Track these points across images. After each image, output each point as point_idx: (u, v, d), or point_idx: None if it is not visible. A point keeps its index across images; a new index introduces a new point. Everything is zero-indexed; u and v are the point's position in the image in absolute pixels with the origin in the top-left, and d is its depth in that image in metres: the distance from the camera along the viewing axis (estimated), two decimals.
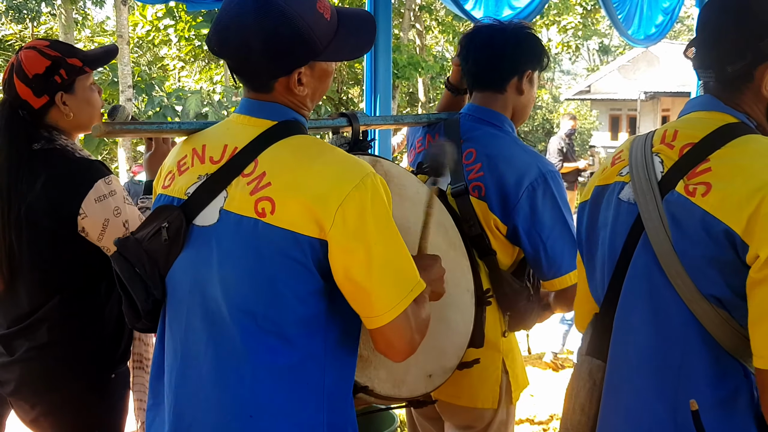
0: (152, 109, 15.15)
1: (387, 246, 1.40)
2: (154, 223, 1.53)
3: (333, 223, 1.36)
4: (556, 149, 10.02)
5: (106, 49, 2.31)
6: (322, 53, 1.48)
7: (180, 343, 1.52)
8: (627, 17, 6.27)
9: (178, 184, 1.55)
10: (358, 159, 1.46)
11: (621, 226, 1.52)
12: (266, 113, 1.51)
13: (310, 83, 1.51)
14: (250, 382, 1.43)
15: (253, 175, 1.44)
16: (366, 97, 4.17)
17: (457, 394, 2.13)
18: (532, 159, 2.12)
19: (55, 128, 2.14)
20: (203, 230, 1.48)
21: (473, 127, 2.20)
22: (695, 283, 1.35)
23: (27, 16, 16.80)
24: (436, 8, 19.49)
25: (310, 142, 1.50)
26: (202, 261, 1.47)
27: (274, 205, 1.39)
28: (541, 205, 2.05)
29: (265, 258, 1.40)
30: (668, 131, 1.51)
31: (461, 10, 4.67)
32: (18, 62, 2.09)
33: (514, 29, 2.21)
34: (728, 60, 1.45)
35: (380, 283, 1.39)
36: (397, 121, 2.53)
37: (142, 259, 1.51)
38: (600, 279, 1.60)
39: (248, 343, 1.43)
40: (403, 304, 1.40)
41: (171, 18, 17.41)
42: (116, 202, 2.08)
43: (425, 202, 1.78)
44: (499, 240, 2.11)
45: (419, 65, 16.82)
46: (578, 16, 21.98)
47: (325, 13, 1.48)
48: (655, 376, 1.44)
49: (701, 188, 1.36)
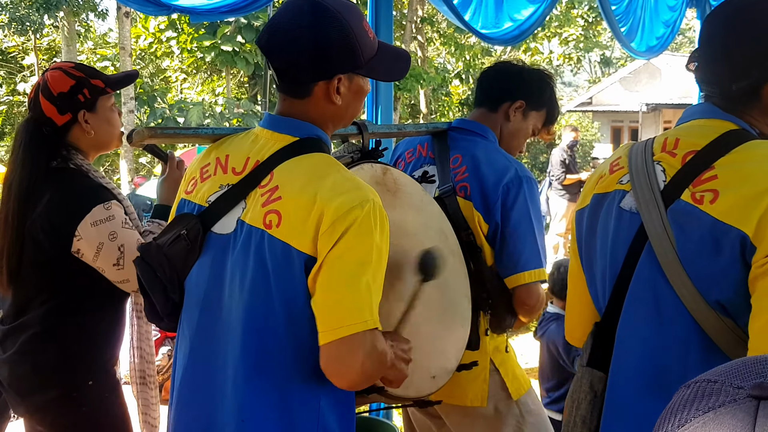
0: (154, 120, 15.19)
1: (358, 267, 1.40)
2: (174, 229, 1.60)
3: (321, 237, 1.40)
4: (559, 161, 10.00)
5: (127, 74, 2.46)
6: (363, 67, 1.55)
7: (189, 344, 1.59)
8: (630, 30, 6.28)
9: (200, 191, 1.62)
10: (362, 184, 1.48)
11: (623, 236, 1.51)
12: (289, 129, 1.57)
13: (346, 96, 1.56)
14: (244, 387, 1.48)
15: (267, 188, 1.50)
16: (368, 108, 4.18)
17: (448, 394, 2.17)
18: (511, 164, 2.24)
19: (75, 147, 2.24)
20: (221, 238, 1.55)
21: (460, 137, 2.36)
22: (700, 292, 1.34)
23: (30, 28, 16.85)
24: (437, 20, 19.53)
25: (324, 160, 1.53)
26: (217, 267, 1.54)
27: (280, 218, 1.44)
28: (511, 203, 2.16)
29: (267, 269, 1.45)
30: (669, 139, 1.50)
31: (461, 21, 4.67)
32: (44, 82, 2.20)
33: (528, 67, 2.45)
34: (733, 78, 1.43)
35: (340, 299, 1.40)
36: (400, 130, 2.56)
37: (162, 263, 1.59)
38: (601, 289, 1.59)
39: (247, 350, 1.48)
40: (356, 327, 1.38)
41: (173, 30, 17.50)
42: (113, 227, 2.14)
43: (411, 294, 1.80)
44: (482, 239, 2.20)
45: (421, 77, 16.86)
46: (580, 28, 22.06)
47: (369, 32, 1.56)
48: (657, 389, 1.42)
49: (708, 195, 1.35)
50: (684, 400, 0.66)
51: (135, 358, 2.43)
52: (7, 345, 2.21)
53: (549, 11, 5.27)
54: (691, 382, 0.68)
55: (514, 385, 2.26)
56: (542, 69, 2.51)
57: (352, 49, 1.50)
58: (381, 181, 1.89)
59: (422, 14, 19.02)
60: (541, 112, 2.41)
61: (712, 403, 0.63)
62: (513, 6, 5.04)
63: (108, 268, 2.14)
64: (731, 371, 0.66)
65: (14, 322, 2.21)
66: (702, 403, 0.64)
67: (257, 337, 1.48)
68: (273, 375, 1.47)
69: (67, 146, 2.23)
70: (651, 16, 6.53)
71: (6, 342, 2.22)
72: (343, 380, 1.45)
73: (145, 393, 2.45)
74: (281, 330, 1.46)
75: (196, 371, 1.58)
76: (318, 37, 1.48)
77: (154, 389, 2.46)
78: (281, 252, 1.43)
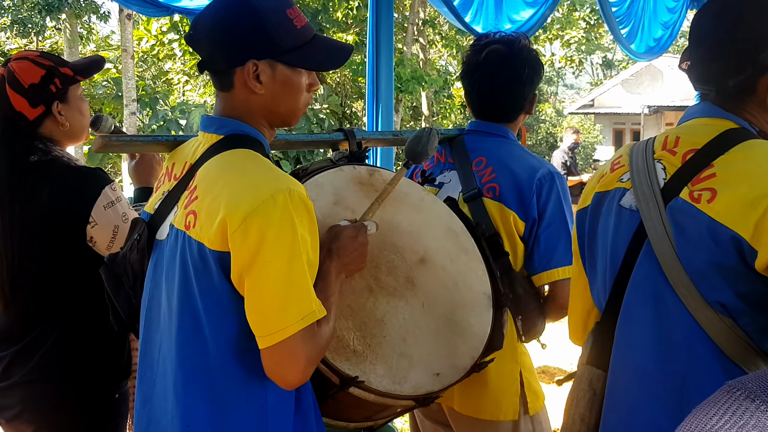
0: (156, 122, 15.18)
1: (281, 267, 1.36)
2: (131, 236, 1.65)
3: (233, 235, 1.36)
4: (560, 163, 10.02)
5: (92, 59, 2.27)
6: (284, 54, 1.50)
7: (141, 348, 1.60)
8: (630, 32, 6.29)
9: (151, 200, 1.66)
10: (279, 175, 1.44)
11: (623, 234, 1.51)
12: (215, 127, 1.56)
13: (269, 85, 1.52)
14: (184, 392, 1.46)
15: (190, 189, 1.50)
16: (368, 110, 4.18)
17: (477, 409, 2.15)
18: (540, 160, 2.24)
19: (49, 139, 2.10)
20: (159, 244, 1.58)
21: (478, 140, 2.31)
22: (700, 291, 1.34)
23: (32, 30, 16.88)
24: (439, 23, 19.52)
25: (242, 156, 1.50)
26: (157, 272, 1.56)
27: (196, 218, 1.44)
28: (545, 199, 2.14)
29: (188, 270, 1.44)
30: (669, 138, 1.50)
31: (461, 22, 4.68)
32: (10, 73, 2.04)
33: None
34: (728, 74, 1.43)
35: (270, 302, 1.37)
36: (396, 137, 2.48)
37: (127, 270, 1.62)
38: (602, 287, 1.59)
39: (180, 355, 1.47)
40: (293, 328, 1.35)
41: (175, 32, 17.47)
42: (123, 208, 2.06)
43: (390, 181, 1.84)
44: (513, 240, 2.16)
45: (423, 79, 16.84)
46: (581, 31, 22.03)
47: (296, 21, 1.52)
48: (657, 387, 1.42)
49: (706, 194, 1.35)
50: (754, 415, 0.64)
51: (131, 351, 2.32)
52: (15, 370, 2.04)
53: (549, 14, 5.28)
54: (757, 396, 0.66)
55: (533, 399, 2.19)
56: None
57: (265, 33, 1.48)
58: (366, 182, 1.88)
59: (424, 16, 19.01)
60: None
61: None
62: (512, 8, 5.06)
63: None
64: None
65: (23, 341, 2.03)
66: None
67: (187, 342, 1.46)
68: (208, 378, 1.45)
69: (42, 138, 2.08)
70: (650, 17, 6.55)
71: (11, 366, 2.04)
72: (287, 383, 1.42)
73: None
74: (207, 332, 1.43)
75: (145, 378, 1.58)
76: (229, 23, 1.49)
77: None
78: (198, 252, 1.42)
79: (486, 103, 2.30)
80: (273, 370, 1.40)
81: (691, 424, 0.65)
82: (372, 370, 1.67)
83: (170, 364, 1.49)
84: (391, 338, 1.74)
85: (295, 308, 1.36)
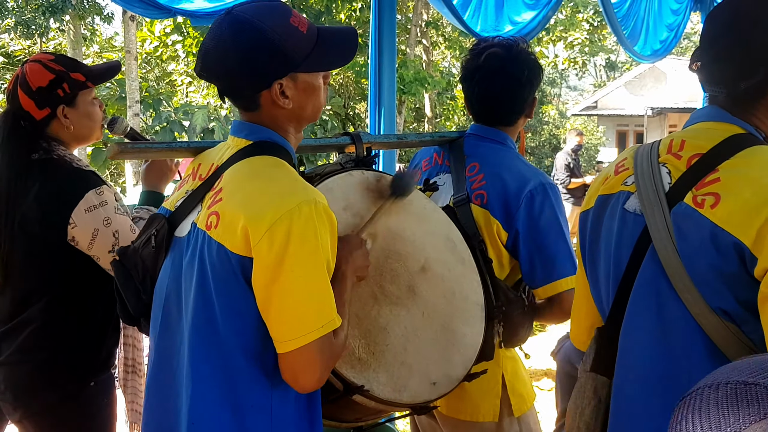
0: (159, 124, 15.20)
1: (305, 275, 1.39)
2: (147, 231, 1.65)
3: (259, 243, 1.38)
4: (563, 165, 10.01)
5: (109, 65, 2.37)
6: (301, 65, 1.52)
7: (154, 346, 1.62)
8: (632, 33, 6.27)
9: (173, 197, 1.68)
10: (305, 185, 1.47)
11: (627, 238, 1.49)
12: (245, 133, 1.58)
13: (295, 96, 1.54)
14: (192, 390, 1.48)
15: (215, 190, 1.52)
16: (370, 112, 4.17)
17: (458, 409, 2.18)
18: (533, 171, 2.21)
19: (55, 139, 2.20)
20: (179, 240, 1.59)
21: (476, 144, 2.30)
22: (703, 297, 1.32)
23: (35, 31, 16.92)
24: (442, 24, 19.54)
25: (269, 163, 1.52)
26: (175, 269, 1.57)
27: (218, 219, 1.46)
28: (538, 211, 2.11)
29: (206, 270, 1.46)
30: (674, 141, 1.49)
31: (460, 22, 4.67)
32: (23, 74, 2.14)
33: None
34: (740, 76, 1.42)
35: (292, 309, 1.40)
36: (401, 140, 2.50)
37: (137, 265, 1.63)
38: (605, 292, 1.57)
39: (193, 353, 1.49)
40: (312, 335, 1.39)
41: (179, 34, 17.52)
42: (107, 213, 2.11)
43: (391, 200, 1.86)
44: (497, 248, 2.15)
45: (426, 81, 16.87)
46: (585, 33, 22.04)
47: (300, 27, 1.52)
48: (663, 394, 1.40)
49: (710, 199, 1.33)
50: (720, 403, 0.62)
51: (124, 346, 2.41)
52: (3, 348, 2.17)
53: (551, 16, 5.27)
54: (720, 383, 0.65)
55: (518, 401, 2.21)
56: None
57: (280, 52, 1.48)
58: (373, 188, 1.87)
59: (427, 18, 19.03)
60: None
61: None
62: (513, 9, 5.04)
63: (103, 255, 2.11)
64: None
65: (10, 323, 2.16)
66: (753, 408, 0.60)
67: (201, 340, 1.48)
68: (218, 378, 1.47)
69: (48, 138, 2.18)
70: (654, 19, 6.53)
71: (2, 345, 2.17)
72: (302, 388, 1.46)
73: (134, 381, 2.44)
74: (222, 332, 1.46)
75: (159, 375, 1.60)
76: (242, 52, 1.47)
77: (142, 377, 2.45)
78: (217, 254, 1.44)
79: (485, 107, 2.29)
80: (289, 374, 1.43)
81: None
82: (375, 378, 1.68)
83: (185, 361, 1.51)
84: (393, 346, 1.74)
85: (316, 316, 1.40)
